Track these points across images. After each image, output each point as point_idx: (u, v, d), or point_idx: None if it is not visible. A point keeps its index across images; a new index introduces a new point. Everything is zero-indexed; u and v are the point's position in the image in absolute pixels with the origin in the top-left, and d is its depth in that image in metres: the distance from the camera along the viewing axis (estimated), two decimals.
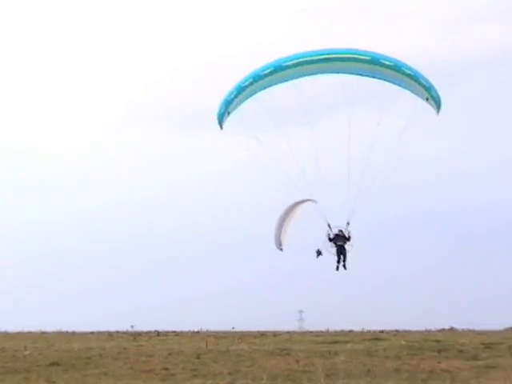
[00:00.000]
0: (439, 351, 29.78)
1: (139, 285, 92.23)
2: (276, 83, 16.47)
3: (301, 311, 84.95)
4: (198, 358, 27.03)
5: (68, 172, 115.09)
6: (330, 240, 18.38)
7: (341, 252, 18.38)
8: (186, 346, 34.96)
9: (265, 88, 16.57)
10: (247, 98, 16.74)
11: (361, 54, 16.08)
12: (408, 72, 16.23)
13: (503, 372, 20.85)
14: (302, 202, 26.16)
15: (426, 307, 74.68)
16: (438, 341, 37.14)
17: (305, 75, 16.29)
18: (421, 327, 59.28)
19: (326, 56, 16.00)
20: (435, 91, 16.69)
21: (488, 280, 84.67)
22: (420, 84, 16.41)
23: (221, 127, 17.41)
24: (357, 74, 16.46)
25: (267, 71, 16.05)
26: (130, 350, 31.68)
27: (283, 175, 17.96)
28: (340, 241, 18.24)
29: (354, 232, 18.41)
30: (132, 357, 27.88)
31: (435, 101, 16.78)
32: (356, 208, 17.80)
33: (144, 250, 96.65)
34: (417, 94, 16.81)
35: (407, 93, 17.03)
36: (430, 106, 17.15)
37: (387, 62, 16.07)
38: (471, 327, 60.32)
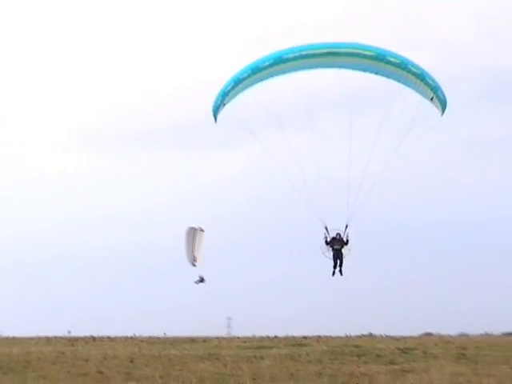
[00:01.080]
0: (358, 356, 30.93)
1: (76, 292, 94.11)
2: (274, 76, 15.68)
3: (229, 318, 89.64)
4: (131, 362, 27.77)
5: None
6: (327, 243, 17.45)
7: (337, 256, 17.54)
8: (120, 351, 35.74)
9: (262, 80, 15.78)
10: (244, 89, 15.93)
11: (366, 49, 15.27)
12: (414, 70, 15.44)
13: (418, 375, 21.68)
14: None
15: (346, 313, 77.97)
16: (357, 346, 38.75)
17: (305, 69, 15.60)
18: (341, 333, 62.66)
19: (329, 50, 15.17)
20: (442, 92, 15.94)
21: (403, 288, 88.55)
22: (426, 84, 15.63)
23: (215, 120, 16.60)
24: (359, 70, 15.75)
25: (267, 63, 15.24)
26: (66, 355, 32.37)
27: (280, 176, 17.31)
28: (337, 244, 17.40)
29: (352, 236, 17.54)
30: (69, 361, 28.52)
31: (440, 101, 16.03)
32: (356, 210, 16.84)
33: (78, 256, 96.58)
34: (421, 94, 15.95)
35: (411, 92, 16.12)
36: (434, 107, 16.26)
37: (393, 59, 15.26)
38: (388, 333, 64.17)
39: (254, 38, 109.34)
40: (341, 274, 17.88)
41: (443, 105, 16.09)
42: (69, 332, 63.70)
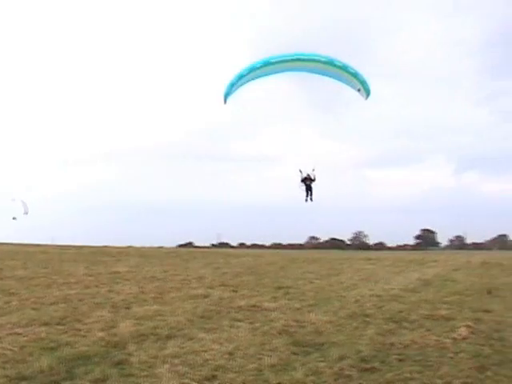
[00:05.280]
0: None
1: None
2: (264, 75, 20.29)
3: None
4: None
5: None
6: (302, 181, 23.66)
7: (309, 189, 23.70)
8: None
9: (256, 78, 20.41)
10: (244, 83, 20.55)
11: (321, 57, 20.05)
12: (351, 71, 20.26)
13: None
14: None
15: None
16: None
17: (283, 71, 20.39)
18: None
19: (298, 57, 19.99)
20: (367, 84, 20.83)
21: None
22: (358, 79, 20.49)
23: (225, 103, 20.91)
24: (316, 73, 20.64)
25: (258, 65, 19.85)
26: None
27: None
28: (308, 181, 23.65)
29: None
30: None
31: (366, 91, 20.90)
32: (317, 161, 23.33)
33: None
34: (353, 87, 20.90)
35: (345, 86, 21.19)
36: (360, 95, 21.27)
37: (338, 63, 20.07)
38: None
39: None
40: (311, 200, 24.02)
41: (367, 93, 21.03)
42: None
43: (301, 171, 23.56)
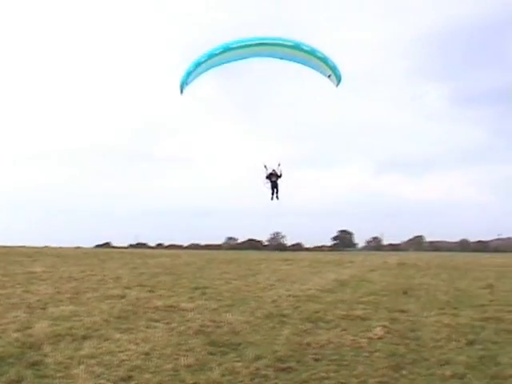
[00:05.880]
0: None
1: None
2: (225, 62, 18.81)
3: None
4: None
5: None
6: (267, 178, 21.83)
7: (274, 186, 21.93)
8: None
9: (216, 66, 18.93)
10: (202, 72, 19.04)
11: (286, 41, 18.58)
12: (320, 55, 18.88)
13: None
14: None
15: None
16: None
17: (245, 57, 18.74)
18: None
19: (262, 41, 18.40)
20: (337, 70, 19.51)
21: None
22: (327, 65, 19.17)
23: (181, 93, 19.35)
24: (281, 58, 19.01)
25: (217, 51, 18.24)
26: None
27: None
28: (274, 178, 21.78)
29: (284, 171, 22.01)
30: None
31: (337, 77, 19.62)
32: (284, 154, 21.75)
33: None
34: (323, 73, 19.56)
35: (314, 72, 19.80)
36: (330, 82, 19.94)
37: (305, 48, 18.63)
38: None
39: None
40: (277, 198, 22.18)
41: (338, 80, 19.72)
42: None
43: (266, 167, 21.76)
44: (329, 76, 19.54)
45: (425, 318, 18.60)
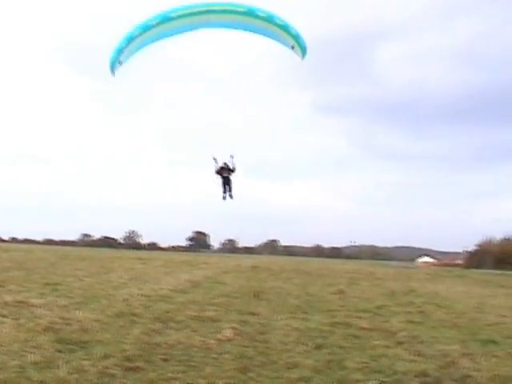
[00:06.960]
0: None
1: None
2: (165, 36, 15.90)
3: None
4: None
5: None
6: (217, 173, 18.61)
7: (227, 183, 18.78)
8: None
9: (154, 40, 15.98)
10: (138, 48, 16.08)
11: (238, 6, 15.75)
12: (279, 22, 16.15)
13: None
14: None
15: None
16: None
17: (188, 29, 15.88)
18: None
19: (208, 8, 15.48)
20: (302, 40, 16.87)
21: None
22: (289, 33, 16.47)
23: (113, 74, 16.31)
24: (232, 28, 16.23)
25: (154, 22, 15.33)
26: None
27: None
28: (225, 173, 18.62)
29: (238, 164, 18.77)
30: None
31: (301, 48, 16.98)
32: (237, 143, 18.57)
33: None
34: (284, 44, 16.92)
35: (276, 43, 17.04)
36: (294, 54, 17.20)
37: (261, 14, 15.87)
38: None
39: None
40: (231, 197, 19.05)
41: (303, 51, 17.18)
42: None
43: (215, 159, 18.43)
44: (292, 47, 16.98)
45: (275, 322, 18.93)
